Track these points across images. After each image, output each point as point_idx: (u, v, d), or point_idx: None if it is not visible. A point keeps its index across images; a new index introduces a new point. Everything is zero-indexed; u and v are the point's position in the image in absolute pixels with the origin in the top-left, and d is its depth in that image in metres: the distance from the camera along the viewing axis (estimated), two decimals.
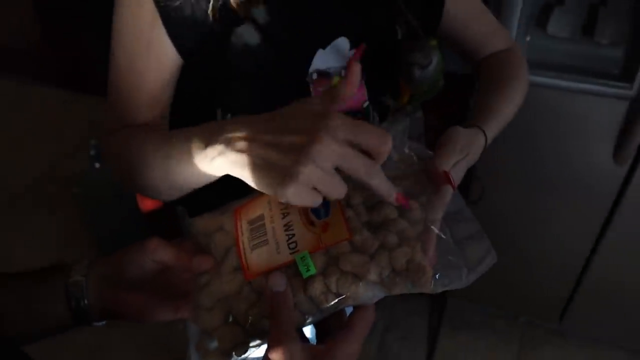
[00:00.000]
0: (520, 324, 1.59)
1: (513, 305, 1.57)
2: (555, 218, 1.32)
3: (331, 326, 0.42)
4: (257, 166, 0.38)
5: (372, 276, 0.39)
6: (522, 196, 1.32)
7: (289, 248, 0.42)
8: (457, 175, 0.51)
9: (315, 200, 0.37)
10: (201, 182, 0.48)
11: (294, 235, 0.42)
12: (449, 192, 0.45)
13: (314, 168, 0.36)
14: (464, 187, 1.25)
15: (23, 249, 1.77)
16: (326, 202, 0.42)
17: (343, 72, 0.62)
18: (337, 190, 0.38)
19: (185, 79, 0.61)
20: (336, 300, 0.40)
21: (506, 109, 0.68)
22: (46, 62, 2.67)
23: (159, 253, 0.46)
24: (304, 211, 0.42)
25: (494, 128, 0.64)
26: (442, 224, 0.44)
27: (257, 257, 0.43)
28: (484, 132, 0.60)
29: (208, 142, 0.42)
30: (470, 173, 1.15)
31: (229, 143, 0.40)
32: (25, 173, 2.13)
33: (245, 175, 0.39)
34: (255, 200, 0.47)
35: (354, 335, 0.39)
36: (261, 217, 0.45)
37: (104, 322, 0.47)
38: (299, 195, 0.37)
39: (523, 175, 1.29)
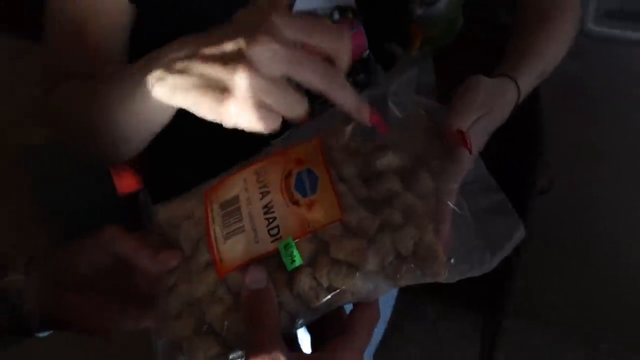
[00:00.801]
0: (602, 354, 1.62)
1: (592, 329, 1.59)
2: None
3: (328, 330, 0.43)
4: (198, 88, 0.40)
5: (371, 265, 0.41)
6: (605, 188, 1.35)
7: (270, 235, 0.44)
8: (477, 135, 0.53)
9: (268, 122, 0.40)
10: (150, 128, 0.51)
11: (275, 219, 0.45)
12: (465, 157, 0.48)
13: (255, 77, 0.38)
14: (524, 174, 1.28)
15: None
16: (312, 177, 0.45)
17: (335, 15, 0.65)
18: (292, 104, 0.39)
19: (140, 28, 0.65)
20: (329, 297, 0.42)
21: (546, 54, 0.68)
22: None
23: (117, 245, 0.47)
24: (287, 188, 0.45)
25: (528, 78, 0.63)
26: (458, 196, 0.47)
27: (231, 248, 0.45)
28: (515, 82, 0.61)
29: (146, 71, 0.44)
30: (536, 155, 1.23)
31: (166, 66, 0.42)
32: None
33: (187, 101, 0.41)
34: (229, 179, 0.49)
35: (355, 339, 0.42)
36: (235, 199, 0.47)
37: (47, 333, 0.48)
38: (244, 115, 0.39)
39: (607, 159, 1.32)
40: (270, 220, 0.45)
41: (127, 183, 1.45)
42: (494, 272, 1.57)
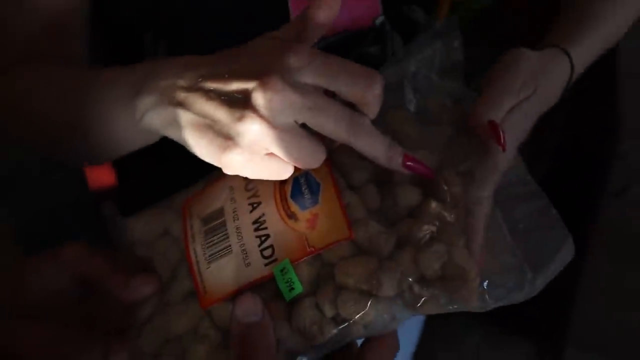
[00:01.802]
0: None
1: None
2: None
3: None
4: (197, 126, 0.41)
5: (386, 291, 0.41)
6: None
7: (263, 256, 0.43)
8: (516, 125, 0.51)
9: (278, 173, 0.40)
10: (129, 147, 0.52)
11: (268, 236, 0.43)
12: (500, 156, 0.47)
13: (264, 127, 0.38)
14: (593, 171, 1.19)
15: None
16: (312, 183, 0.44)
17: None
18: (307, 155, 0.40)
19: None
20: (336, 331, 0.41)
21: (610, 15, 0.64)
22: None
23: (81, 266, 0.46)
24: (282, 197, 0.44)
25: (585, 49, 0.61)
26: (492, 205, 0.46)
27: (216, 274, 0.44)
28: (567, 54, 0.58)
29: (137, 91, 0.45)
30: (609, 146, 1.16)
31: (163, 93, 0.42)
32: None
33: (183, 138, 0.42)
34: (212, 186, 0.49)
35: None
36: (220, 212, 0.46)
37: None
38: (249, 166, 0.40)
39: None
40: (263, 238, 0.43)
41: (100, 177, 1.33)
42: (552, 292, 1.36)
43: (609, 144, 1.16)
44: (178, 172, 0.53)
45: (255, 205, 0.45)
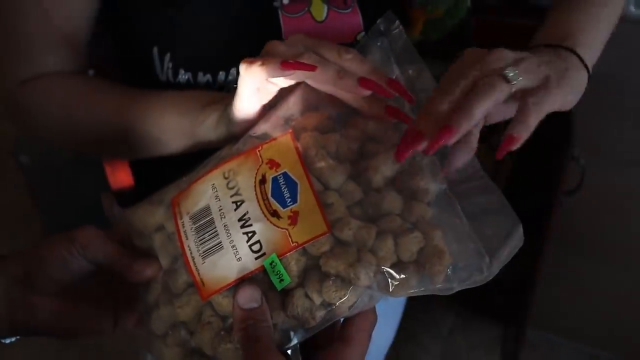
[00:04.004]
0: None
1: (623, 346, 1.56)
2: None
3: (319, 337, 0.44)
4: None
5: (363, 280, 0.42)
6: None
7: (252, 251, 0.43)
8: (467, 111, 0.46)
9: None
10: (171, 149, 0.59)
11: (254, 233, 0.44)
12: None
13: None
14: (550, 171, 1.24)
15: None
16: (290, 182, 0.44)
17: None
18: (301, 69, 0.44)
19: (109, 13, 0.66)
20: (324, 314, 0.43)
21: (605, 21, 0.62)
22: None
23: (94, 250, 0.47)
24: (263, 196, 0.44)
25: (590, 50, 0.57)
26: (451, 198, 0.46)
27: (212, 268, 0.44)
28: (576, 54, 0.55)
29: (204, 106, 0.54)
30: (564, 150, 1.18)
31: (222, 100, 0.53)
32: None
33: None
34: (196, 183, 0.48)
35: (353, 352, 0.42)
36: (207, 210, 0.46)
37: (14, 339, 0.49)
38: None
39: None
40: (250, 234, 0.44)
41: (120, 178, 1.39)
42: (515, 280, 1.47)
43: (563, 148, 1.17)
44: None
45: (239, 203, 0.45)
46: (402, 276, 0.42)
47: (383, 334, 0.99)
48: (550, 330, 1.62)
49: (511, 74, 0.45)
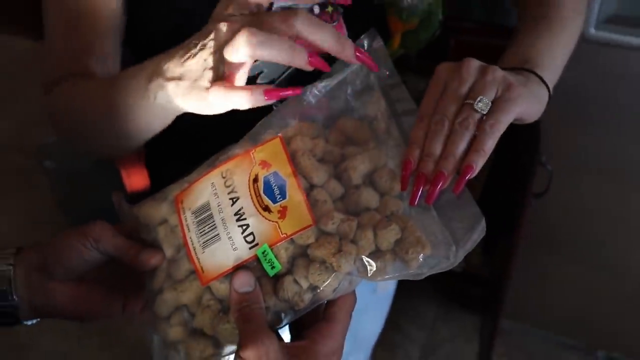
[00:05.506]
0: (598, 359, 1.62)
1: (588, 334, 1.59)
2: None
3: (306, 320, 0.46)
4: (189, 88, 0.45)
5: (344, 268, 0.43)
6: (602, 192, 1.35)
7: (247, 242, 0.45)
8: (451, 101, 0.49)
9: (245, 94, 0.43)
10: (149, 129, 0.54)
11: (248, 225, 0.45)
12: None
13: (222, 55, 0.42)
14: (520, 175, 1.26)
15: None
16: (280, 180, 0.46)
17: (316, 9, 0.65)
18: (277, 49, 0.42)
19: (133, 27, 0.67)
20: (311, 297, 0.44)
21: (562, 46, 0.62)
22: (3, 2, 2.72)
23: (105, 243, 0.49)
24: (256, 193, 0.46)
25: (551, 73, 0.58)
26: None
27: (211, 257, 0.46)
28: (538, 76, 0.56)
29: (149, 78, 0.48)
30: (533, 156, 1.23)
31: (163, 74, 0.46)
32: None
33: (185, 104, 0.46)
34: (197, 182, 0.49)
35: (336, 328, 0.44)
36: (206, 206, 0.47)
37: (35, 321, 0.50)
38: (226, 97, 0.43)
39: (605, 164, 1.32)
40: (244, 227, 0.45)
41: (136, 181, 1.46)
42: (491, 273, 1.55)
43: (532, 155, 1.20)
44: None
45: (235, 200, 0.46)
46: (379, 263, 0.44)
47: (372, 326, 1.00)
48: (522, 320, 1.65)
49: (480, 105, 0.48)
